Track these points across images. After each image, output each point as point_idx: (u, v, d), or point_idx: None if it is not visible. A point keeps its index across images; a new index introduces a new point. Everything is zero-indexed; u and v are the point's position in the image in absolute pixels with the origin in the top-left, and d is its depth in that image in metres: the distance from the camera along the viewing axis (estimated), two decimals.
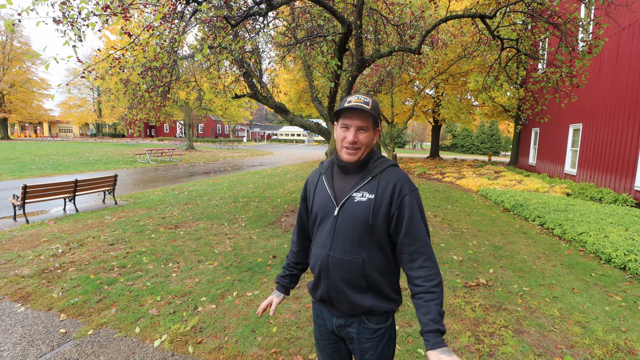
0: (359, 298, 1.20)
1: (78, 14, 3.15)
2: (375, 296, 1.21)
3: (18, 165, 13.54)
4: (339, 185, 1.27)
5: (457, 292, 3.47)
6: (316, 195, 1.31)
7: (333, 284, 1.21)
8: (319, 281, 1.26)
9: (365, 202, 1.18)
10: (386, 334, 1.25)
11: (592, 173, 9.69)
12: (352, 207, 1.19)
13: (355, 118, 1.19)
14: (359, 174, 1.25)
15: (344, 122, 1.22)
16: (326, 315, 1.31)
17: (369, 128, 1.21)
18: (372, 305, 1.20)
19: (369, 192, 1.19)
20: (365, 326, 1.23)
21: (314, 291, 1.31)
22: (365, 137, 1.20)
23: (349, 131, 1.20)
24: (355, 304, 1.20)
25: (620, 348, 2.57)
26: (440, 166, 17.39)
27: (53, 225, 5.59)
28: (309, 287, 1.36)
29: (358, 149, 1.21)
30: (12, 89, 34.05)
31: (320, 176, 1.34)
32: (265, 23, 4.96)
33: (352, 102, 1.19)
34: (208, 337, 2.61)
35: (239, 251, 4.51)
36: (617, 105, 8.66)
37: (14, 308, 2.96)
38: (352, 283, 1.19)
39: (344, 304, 1.22)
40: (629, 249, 4.38)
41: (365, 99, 1.20)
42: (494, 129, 43.93)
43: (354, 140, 1.19)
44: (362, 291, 1.20)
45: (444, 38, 9.14)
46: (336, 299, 1.23)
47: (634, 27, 8.10)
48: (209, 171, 14.32)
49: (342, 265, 1.19)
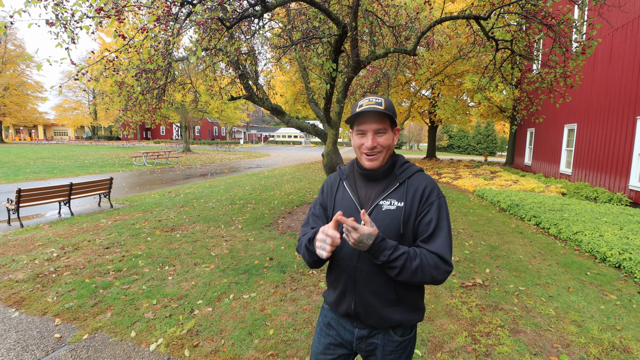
0: (389, 312, 1.14)
1: (71, 16, 3.14)
2: (404, 309, 1.16)
3: (12, 168, 13.42)
4: (363, 192, 1.20)
5: (453, 292, 3.48)
6: (337, 202, 1.23)
7: (361, 297, 1.15)
8: (344, 295, 1.19)
9: (395, 210, 1.12)
10: (409, 344, 1.23)
11: (587, 173, 9.76)
12: (381, 216, 1.13)
13: (370, 122, 1.13)
14: (384, 180, 1.19)
15: (359, 128, 1.15)
16: (347, 325, 1.23)
17: (386, 129, 1.15)
18: (402, 319, 1.15)
19: (398, 200, 1.13)
20: (390, 338, 1.19)
21: (337, 306, 1.22)
22: (384, 139, 1.14)
23: (366, 136, 1.14)
24: (384, 318, 1.15)
25: (616, 346, 2.59)
26: (437, 167, 17.46)
27: (48, 229, 5.54)
28: (328, 300, 1.27)
29: (379, 152, 1.14)
30: (7, 92, 33.79)
31: (341, 182, 1.26)
32: (260, 25, 4.96)
33: (365, 105, 1.13)
34: (204, 341, 2.59)
35: (236, 253, 4.49)
36: (611, 105, 8.74)
37: (7, 313, 2.93)
38: (382, 296, 1.14)
39: (372, 318, 1.16)
40: (623, 247, 4.41)
41: (377, 99, 1.14)
42: (490, 130, 44.18)
43: (372, 146, 1.13)
44: (392, 304, 1.15)
45: (440, 39, 9.19)
46: (364, 313, 1.16)
47: (626, 28, 8.19)
48: (206, 173, 14.27)
49: (372, 278, 1.13)
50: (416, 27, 6.02)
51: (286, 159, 23.59)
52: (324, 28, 5.43)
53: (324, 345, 1.27)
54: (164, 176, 12.93)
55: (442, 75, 16.53)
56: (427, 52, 8.30)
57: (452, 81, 18.42)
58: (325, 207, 1.29)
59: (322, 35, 5.07)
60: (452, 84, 18.63)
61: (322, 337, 1.28)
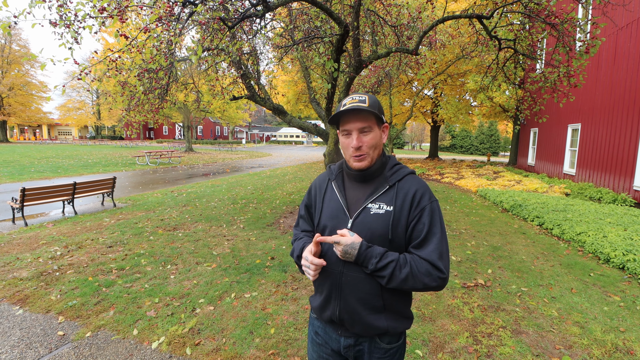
0: (374, 319, 1.10)
1: (75, 17, 3.16)
2: (390, 316, 1.12)
3: (17, 168, 13.53)
4: (351, 194, 1.16)
5: (455, 292, 3.47)
6: (325, 203, 1.19)
7: (346, 304, 1.11)
8: (329, 301, 1.15)
9: (383, 214, 1.08)
10: (397, 352, 1.19)
11: (591, 173, 9.69)
12: (368, 219, 1.09)
13: (354, 120, 1.10)
14: (374, 181, 1.15)
15: (344, 128, 1.12)
16: (332, 334, 1.19)
17: (371, 127, 1.11)
18: (388, 327, 1.11)
19: (387, 204, 1.09)
20: (377, 346, 1.15)
21: (322, 311, 1.18)
22: (370, 138, 1.10)
23: (351, 136, 1.11)
24: (369, 325, 1.11)
25: (619, 348, 2.57)
26: (439, 167, 17.40)
27: (52, 227, 5.59)
28: (313, 305, 1.24)
29: (365, 153, 1.11)
30: (11, 92, 34.05)
31: (329, 182, 1.22)
32: (262, 25, 4.97)
33: (347, 104, 1.09)
34: (206, 339, 2.60)
35: (237, 253, 4.50)
36: (615, 105, 8.67)
37: (12, 311, 2.96)
38: (367, 303, 1.09)
39: (358, 325, 1.12)
40: (627, 248, 4.37)
41: (360, 97, 1.10)
42: (493, 130, 43.99)
43: (358, 145, 1.09)
44: (377, 311, 1.10)
45: (442, 39, 9.16)
46: (349, 320, 1.12)
47: (631, 26, 8.12)
48: (208, 173, 14.32)
49: (358, 284, 1.09)
50: (418, 27, 6.00)
51: (288, 159, 23.61)
52: (326, 28, 5.43)
53: (317, 354, 1.26)
54: (166, 176, 12.98)
55: (445, 75, 16.47)
56: (430, 51, 8.28)
57: (455, 81, 18.36)
58: (311, 208, 1.26)
59: (324, 35, 5.07)
60: (455, 83, 18.56)
61: (315, 346, 1.26)
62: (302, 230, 1.30)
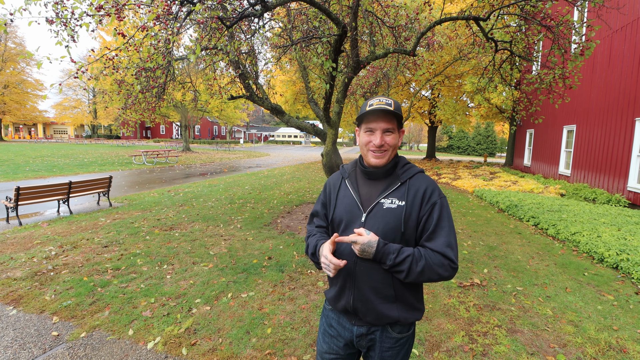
0: (386, 308, 1.17)
1: (71, 14, 3.14)
2: (402, 306, 1.19)
3: (12, 167, 13.41)
4: (364, 191, 1.23)
5: (451, 292, 3.48)
6: (339, 200, 1.26)
7: (360, 293, 1.18)
8: (343, 290, 1.22)
9: (396, 209, 1.16)
10: (407, 342, 1.25)
11: (586, 174, 9.78)
12: (382, 213, 1.16)
13: (380, 121, 1.17)
14: (386, 179, 1.23)
15: (368, 126, 1.20)
16: (346, 324, 1.27)
17: (394, 129, 1.19)
18: (399, 317, 1.18)
19: (399, 199, 1.17)
20: (388, 335, 1.22)
21: (336, 301, 1.26)
22: (391, 139, 1.19)
23: (375, 134, 1.19)
24: (382, 314, 1.18)
25: (612, 346, 2.60)
26: (437, 167, 17.47)
27: (46, 227, 5.54)
28: (328, 297, 1.31)
29: (385, 151, 1.19)
30: (6, 90, 33.74)
31: (343, 180, 1.30)
32: (260, 24, 4.96)
33: (375, 104, 1.17)
34: (202, 339, 2.59)
35: (234, 253, 4.49)
36: (610, 106, 8.76)
37: (5, 311, 2.93)
38: (380, 292, 1.16)
39: (370, 314, 1.19)
40: (621, 248, 4.42)
41: (387, 100, 1.18)
42: (490, 131, 44.21)
43: (380, 144, 1.17)
44: (389, 301, 1.17)
45: (440, 40, 9.20)
46: (362, 309, 1.19)
47: (625, 29, 8.21)
48: (205, 173, 14.27)
49: (370, 272, 1.16)
50: (416, 28, 6.03)
51: (286, 159, 23.59)
52: (324, 28, 5.44)
53: (328, 346, 1.31)
54: (163, 175, 12.93)
55: (442, 76, 16.55)
56: (427, 52, 8.32)
57: (452, 82, 18.44)
58: (327, 205, 1.33)
59: (322, 35, 5.08)
60: (452, 84, 18.65)
61: (326, 337, 1.32)
62: (316, 226, 1.36)
